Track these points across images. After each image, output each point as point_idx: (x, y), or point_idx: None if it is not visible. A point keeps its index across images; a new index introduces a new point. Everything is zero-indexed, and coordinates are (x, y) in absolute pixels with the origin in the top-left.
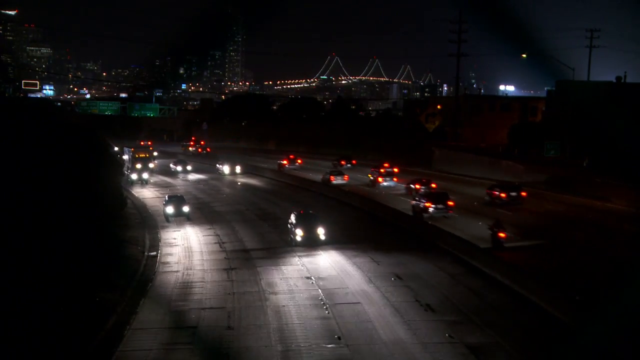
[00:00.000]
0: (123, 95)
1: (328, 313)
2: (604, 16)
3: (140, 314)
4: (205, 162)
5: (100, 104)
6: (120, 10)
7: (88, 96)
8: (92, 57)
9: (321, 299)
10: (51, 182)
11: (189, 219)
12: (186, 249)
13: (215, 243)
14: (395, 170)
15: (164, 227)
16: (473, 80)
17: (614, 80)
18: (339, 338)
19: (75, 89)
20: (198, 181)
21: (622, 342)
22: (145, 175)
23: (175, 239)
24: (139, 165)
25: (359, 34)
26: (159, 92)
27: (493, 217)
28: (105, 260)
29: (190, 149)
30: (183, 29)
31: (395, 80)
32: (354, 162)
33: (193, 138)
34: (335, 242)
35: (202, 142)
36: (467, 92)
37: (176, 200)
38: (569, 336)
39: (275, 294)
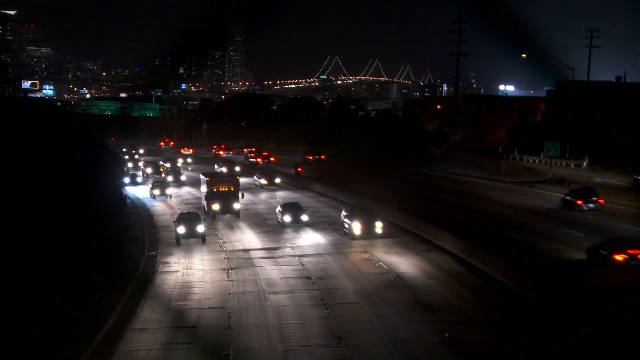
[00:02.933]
0: (123, 95)
1: None
2: (604, 16)
3: (140, 314)
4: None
5: (100, 104)
6: (121, 10)
7: (88, 96)
8: (92, 57)
9: None
10: (52, 182)
11: None
12: (186, 248)
13: (215, 243)
14: (231, 152)
15: (164, 227)
16: (473, 80)
17: (614, 80)
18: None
19: (75, 89)
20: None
21: None
22: (200, 229)
23: (175, 238)
24: (216, 207)
25: (359, 34)
26: (159, 92)
27: (305, 168)
28: (106, 260)
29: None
30: (183, 29)
31: (395, 80)
32: (223, 146)
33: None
34: None
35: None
36: (467, 92)
37: None
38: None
39: None
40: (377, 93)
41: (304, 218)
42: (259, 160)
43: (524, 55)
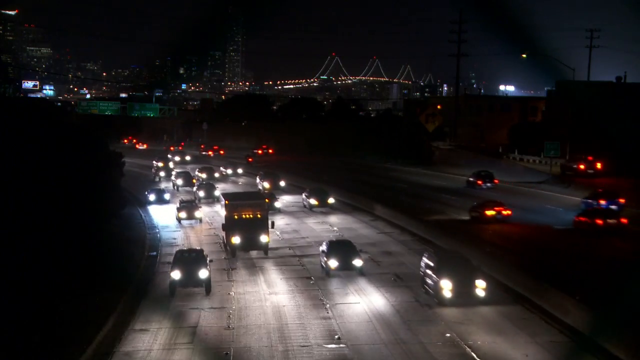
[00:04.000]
0: (123, 95)
1: None
2: (604, 16)
3: (140, 314)
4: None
5: (100, 104)
6: (121, 10)
7: (88, 96)
8: (92, 57)
9: None
10: (52, 182)
11: None
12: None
13: (216, 243)
14: (180, 147)
15: (164, 227)
16: (473, 80)
17: (614, 80)
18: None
19: (75, 89)
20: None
21: None
22: (203, 274)
23: (175, 238)
24: (236, 240)
25: (359, 34)
26: (159, 92)
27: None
28: (106, 260)
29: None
30: (183, 29)
31: (395, 80)
32: (180, 145)
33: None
34: None
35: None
36: (467, 92)
37: None
38: None
39: None
40: (377, 93)
41: (357, 263)
42: (210, 152)
43: (524, 55)
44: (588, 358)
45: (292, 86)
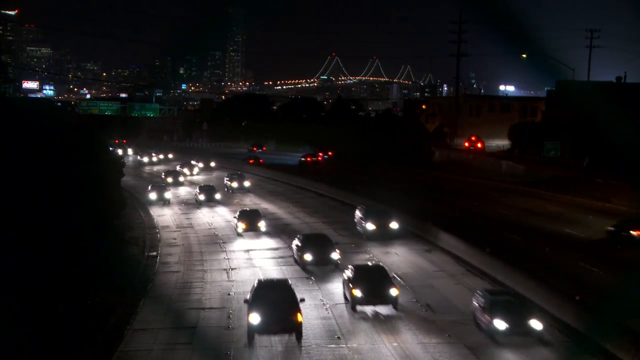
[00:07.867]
0: (123, 95)
1: None
2: (604, 16)
3: (140, 314)
4: None
5: (100, 104)
6: (121, 10)
7: (88, 96)
8: (92, 57)
9: None
10: (50, 182)
11: None
12: (186, 248)
13: (215, 243)
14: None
15: (164, 228)
16: (473, 80)
17: (614, 81)
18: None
19: (76, 89)
20: None
21: None
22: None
23: (175, 239)
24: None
25: (359, 34)
26: (159, 92)
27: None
28: (105, 260)
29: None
30: (183, 29)
31: (395, 80)
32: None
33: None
34: None
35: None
36: (467, 92)
37: None
38: None
39: None
40: (377, 93)
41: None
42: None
43: (524, 55)
44: (588, 358)
45: (292, 86)
